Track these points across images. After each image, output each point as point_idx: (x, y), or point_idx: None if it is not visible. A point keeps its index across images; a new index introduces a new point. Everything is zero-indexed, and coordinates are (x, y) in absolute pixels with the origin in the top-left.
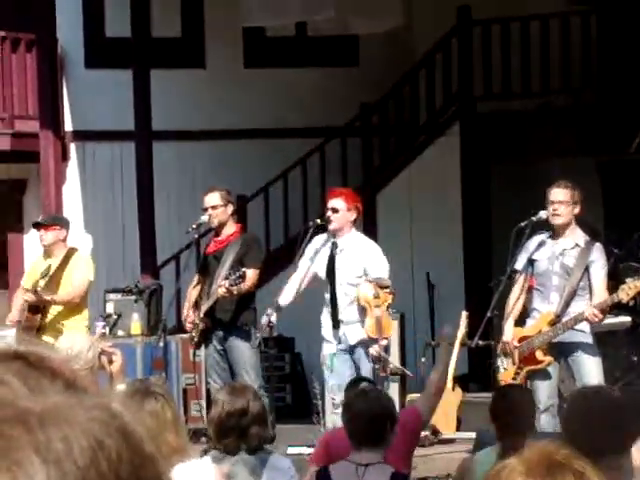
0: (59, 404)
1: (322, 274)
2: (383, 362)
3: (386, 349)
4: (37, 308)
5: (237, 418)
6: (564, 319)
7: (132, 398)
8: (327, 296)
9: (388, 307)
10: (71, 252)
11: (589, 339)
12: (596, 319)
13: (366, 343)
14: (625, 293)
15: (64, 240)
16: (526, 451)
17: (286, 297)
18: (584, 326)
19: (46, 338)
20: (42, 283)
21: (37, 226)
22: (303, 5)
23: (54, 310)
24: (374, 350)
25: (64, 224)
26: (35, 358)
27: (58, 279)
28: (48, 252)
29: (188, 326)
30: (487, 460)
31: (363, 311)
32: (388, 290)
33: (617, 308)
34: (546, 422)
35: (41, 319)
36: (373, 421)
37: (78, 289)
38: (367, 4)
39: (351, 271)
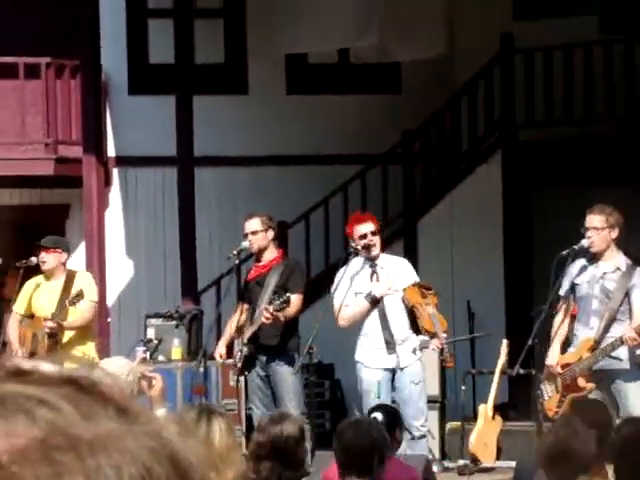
0: (110, 431)
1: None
2: (447, 354)
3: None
4: (55, 335)
5: (255, 448)
6: (603, 344)
7: (199, 418)
8: (373, 319)
9: (436, 306)
10: (71, 274)
11: (627, 365)
12: (635, 343)
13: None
14: None
15: (64, 264)
16: None
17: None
18: (622, 353)
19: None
20: (68, 303)
21: (38, 249)
22: (346, 32)
23: (66, 336)
24: (435, 344)
25: (65, 247)
26: (87, 383)
27: (79, 296)
28: (47, 276)
29: (217, 356)
30: None
31: (413, 314)
32: (432, 292)
33: None
34: None
35: (60, 346)
36: (361, 454)
37: (88, 313)
38: (411, 32)
39: (399, 280)
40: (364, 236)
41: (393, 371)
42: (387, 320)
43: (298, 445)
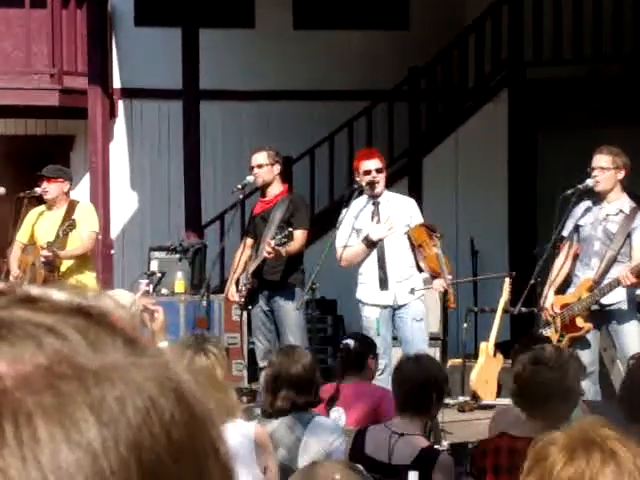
0: (116, 362)
1: (366, 233)
2: (451, 296)
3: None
4: (52, 265)
5: (273, 380)
6: (602, 285)
7: (184, 352)
8: (371, 258)
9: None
10: (73, 204)
11: (625, 306)
12: (628, 282)
13: (412, 305)
14: None
15: (67, 193)
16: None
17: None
18: (620, 293)
19: None
20: (61, 232)
21: (40, 178)
22: None
23: (64, 266)
24: (439, 285)
25: (67, 176)
26: (97, 313)
27: (73, 225)
28: (49, 206)
29: (230, 298)
30: None
31: (417, 251)
32: (438, 234)
33: None
34: (587, 389)
35: (57, 276)
36: (418, 389)
37: (88, 242)
38: None
39: (399, 220)
40: (368, 172)
41: (393, 309)
42: (384, 258)
43: (311, 374)
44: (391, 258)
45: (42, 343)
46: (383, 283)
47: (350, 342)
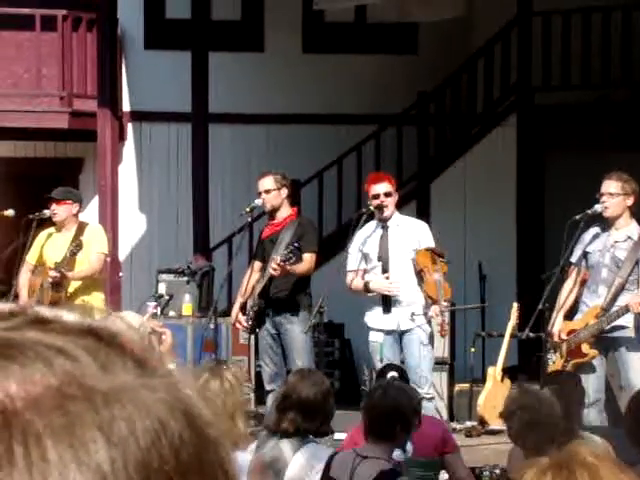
0: (126, 384)
1: (373, 257)
2: (445, 325)
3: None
4: (60, 286)
5: (282, 399)
6: (610, 312)
7: (200, 375)
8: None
9: (445, 275)
10: (82, 226)
11: (632, 334)
12: (639, 309)
13: (418, 329)
14: None
15: (76, 215)
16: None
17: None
18: (627, 321)
19: None
20: (68, 253)
21: (49, 200)
22: None
23: (72, 287)
24: (434, 311)
25: (76, 198)
26: (108, 334)
27: (80, 247)
28: (59, 228)
29: (237, 326)
30: None
31: (420, 277)
32: (444, 260)
33: None
34: (594, 416)
35: (65, 296)
36: (384, 417)
37: (96, 264)
38: None
39: (407, 244)
40: (377, 196)
41: (399, 334)
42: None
43: (323, 401)
44: (396, 281)
45: (52, 364)
46: (386, 307)
47: (395, 374)
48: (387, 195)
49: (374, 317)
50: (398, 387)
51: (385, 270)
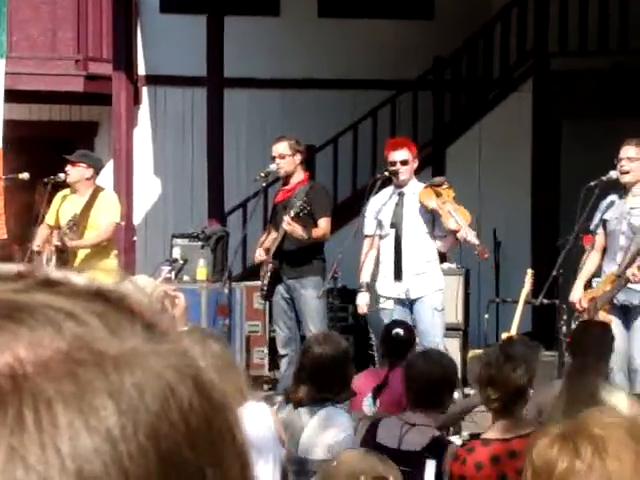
0: (135, 348)
1: (387, 224)
2: (478, 247)
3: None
4: (64, 253)
5: (299, 369)
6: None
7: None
8: (389, 248)
9: (455, 199)
10: (97, 191)
11: (637, 301)
12: (637, 279)
13: (428, 297)
14: None
15: (90, 179)
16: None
17: (367, 274)
18: (635, 289)
19: None
20: (67, 228)
21: (65, 162)
22: None
23: (82, 253)
24: (462, 236)
25: (91, 162)
26: (117, 297)
27: (84, 220)
28: (74, 190)
29: (256, 258)
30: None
31: (434, 215)
32: (445, 186)
33: None
34: (620, 380)
35: (69, 263)
36: (431, 385)
37: (104, 232)
38: None
39: (419, 216)
40: (394, 163)
41: (409, 302)
42: (400, 251)
43: (340, 368)
44: (407, 250)
45: (62, 328)
46: (397, 274)
47: (400, 331)
48: (403, 163)
49: (385, 285)
50: (437, 353)
51: (398, 236)
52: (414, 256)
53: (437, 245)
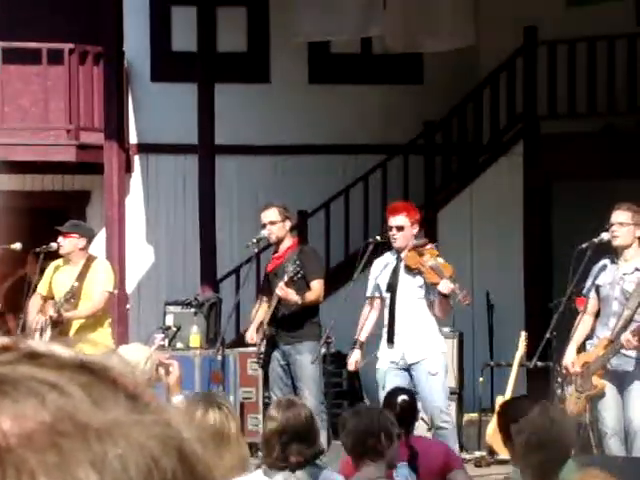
0: (118, 419)
1: (384, 287)
2: (460, 294)
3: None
4: (59, 323)
5: (277, 435)
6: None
7: (195, 408)
8: (386, 312)
9: (438, 257)
10: (90, 261)
11: (631, 367)
12: (630, 345)
13: (428, 360)
14: None
15: (83, 249)
16: None
17: (364, 333)
18: (633, 353)
19: None
20: (64, 300)
21: (57, 233)
22: (353, 23)
23: (76, 324)
24: (443, 287)
25: (84, 232)
26: (100, 369)
27: (79, 291)
28: (66, 260)
29: (248, 339)
30: None
31: (420, 275)
32: (429, 246)
33: None
34: (615, 447)
35: (64, 334)
36: (364, 437)
37: (98, 302)
38: (438, 23)
39: (414, 280)
40: (390, 228)
41: (406, 366)
42: (394, 315)
43: (310, 424)
44: (401, 314)
45: (45, 400)
46: (390, 339)
47: (406, 397)
48: (399, 229)
49: (381, 347)
50: (365, 407)
51: (393, 301)
52: (408, 320)
53: (435, 311)
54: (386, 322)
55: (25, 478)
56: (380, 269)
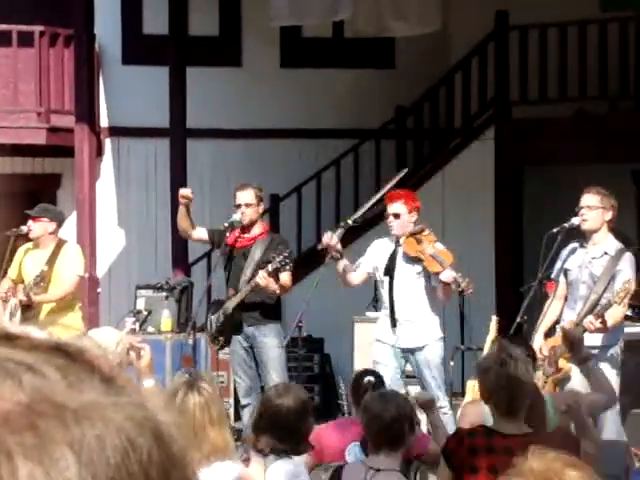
0: (95, 401)
1: (381, 272)
2: (462, 282)
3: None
4: (29, 307)
5: (258, 419)
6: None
7: (177, 391)
8: (385, 296)
9: (436, 242)
10: (60, 245)
11: (595, 351)
12: (592, 327)
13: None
14: (618, 297)
15: (53, 233)
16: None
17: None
18: (595, 338)
19: None
20: (33, 283)
21: (27, 217)
22: (323, 7)
23: (47, 307)
24: (446, 277)
25: (54, 216)
26: (75, 351)
27: (49, 274)
28: (36, 244)
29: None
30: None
31: (420, 262)
32: (426, 232)
33: None
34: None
35: (34, 317)
36: (390, 424)
37: (68, 286)
38: (405, 8)
39: (413, 268)
40: (388, 216)
41: (404, 350)
42: (393, 298)
43: (299, 419)
44: (399, 298)
45: (22, 381)
46: (392, 322)
47: (372, 379)
48: (396, 216)
49: (382, 330)
50: (392, 392)
51: (391, 285)
52: (406, 307)
53: (438, 295)
54: (387, 306)
55: (3, 458)
56: (377, 251)
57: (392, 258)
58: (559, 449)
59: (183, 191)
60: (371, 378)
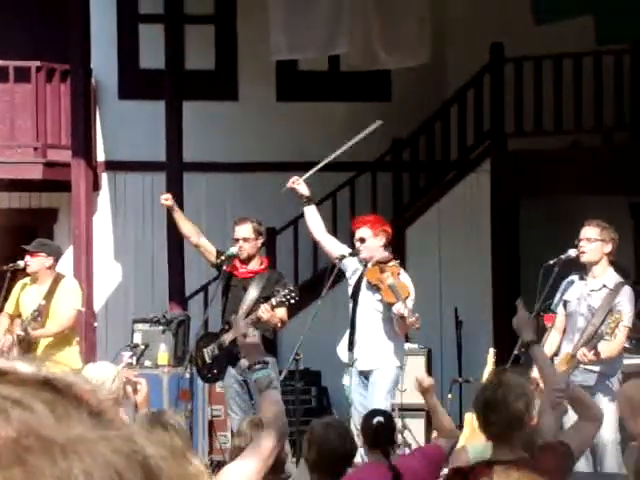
0: (83, 435)
1: (348, 294)
2: (411, 318)
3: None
4: (28, 342)
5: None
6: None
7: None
8: (348, 318)
9: (400, 275)
10: (58, 279)
11: (592, 382)
12: (585, 359)
13: (378, 370)
14: (609, 328)
15: (50, 267)
16: None
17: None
18: (595, 368)
19: None
20: (31, 318)
21: (24, 252)
22: (320, 41)
23: (44, 342)
24: (396, 309)
25: (51, 251)
26: (64, 385)
27: (46, 309)
28: (34, 279)
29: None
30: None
31: (378, 291)
32: (391, 263)
33: None
34: (581, 464)
35: (32, 352)
36: (331, 453)
37: (66, 321)
38: (395, 41)
39: (374, 295)
40: (356, 241)
41: (362, 374)
42: (355, 320)
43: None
44: (361, 319)
45: (10, 415)
46: (350, 346)
47: (381, 419)
48: (361, 241)
49: (341, 349)
50: (334, 420)
51: (354, 311)
52: (365, 331)
53: (395, 327)
54: (347, 327)
55: None
56: (351, 269)
57: (358, 282)
58: (554, 466)
59: (162, 198)
60: (380, 418)
